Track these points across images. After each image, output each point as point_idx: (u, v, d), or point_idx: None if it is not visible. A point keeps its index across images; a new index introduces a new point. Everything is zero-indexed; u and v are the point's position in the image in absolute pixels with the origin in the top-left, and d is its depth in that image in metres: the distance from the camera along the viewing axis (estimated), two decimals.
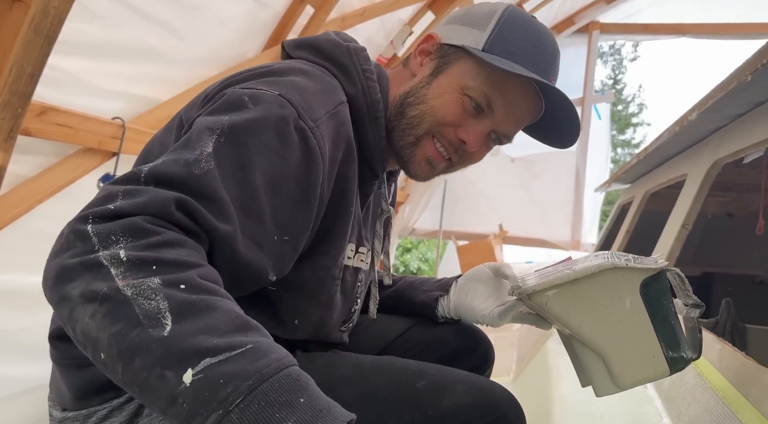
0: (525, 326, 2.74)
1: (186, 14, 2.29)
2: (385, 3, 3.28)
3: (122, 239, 0.61)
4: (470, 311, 1.04)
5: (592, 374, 0.86)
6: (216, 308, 0.59)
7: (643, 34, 5.98)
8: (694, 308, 0.88)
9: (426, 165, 0.93)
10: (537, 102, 0.91)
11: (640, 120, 20.61)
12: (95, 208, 0.63)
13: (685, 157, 2.08)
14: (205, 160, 0.68)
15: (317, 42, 0.92)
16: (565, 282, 0.81)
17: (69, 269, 0.60)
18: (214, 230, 0.66)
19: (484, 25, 0.90)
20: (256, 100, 0.74)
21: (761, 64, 1.00)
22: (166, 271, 0.60)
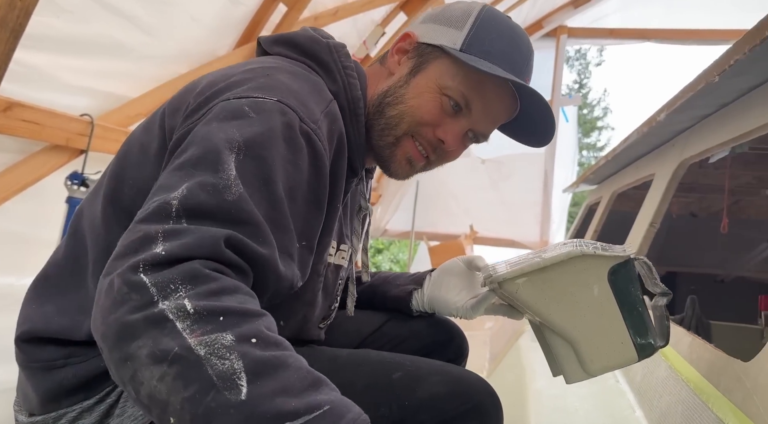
0: (497, 325, 2.76)
1: (156, 10, 2.26)
2: (358, 3, 3.28)
3: (182, 288, 0.58)
4: (444, 303, 1.05)
5: (562, 362, 0.87)
6: (288, 365, 0.58)
7: (610, 38, 6.10)
8: (661, 297, 0.90)
9: (406, 165, 0.94)
10: (513, 102, 0.92)
11: (604, 124, 21.05)
12: (142, 255, 0.59)
13: (652, 157, 2.13)
14: (234, 184, 0.66)
15: (296, 39, 0.91)
16: (534, 270, 0.82)
17: (132, 326, 0.57)
18: (259, 258, 0.66)
19: (461, 25, 0.90)
20: (257, 110, 0.72)
21: (728, 65, 1.03)
22: (234, 323, 0.57)
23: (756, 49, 0.93)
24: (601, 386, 1.36)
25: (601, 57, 20.74)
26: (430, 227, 5.66)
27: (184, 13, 2.40)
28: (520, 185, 5.61)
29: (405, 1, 3.69)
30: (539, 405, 1.34)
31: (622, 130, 19.51)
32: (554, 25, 5.81)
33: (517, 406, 1.41)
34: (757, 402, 0.76)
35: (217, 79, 0.80)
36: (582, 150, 20.02)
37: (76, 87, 2.09)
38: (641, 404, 1.21)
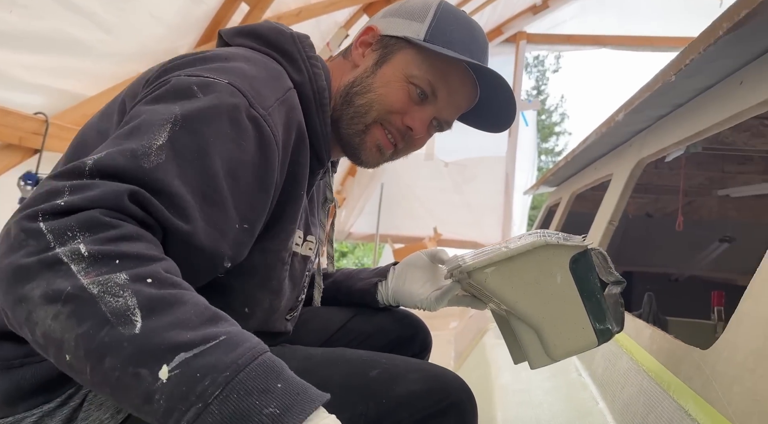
0: (461, 324, 2.79)
1: (115, 7, 2.21)
2: (321, 4, 3.27)
3: (79, 234, 0.58)
4: (408, 296, 1.06)
5: (527, 348, 0.89)
6: (185, 302, 0.58)
7: (567, 44, 6.26)
8: (615, 285, 0.94)
9: (376, 152, 0.95)
10: (474, 89, 0.96)
11: (562, 129, 21.54)
12: (42, 205, 0.59)
13: (610, 158, 2.19)
14: (155, 154, 0.65)
15: (259, 29, 0.91)
16: (502, 259, 0.85)
17: (26, 268, 0.56)
18: (170, 225, 0.65)
19: (422, 17, 0.94)
20: (205, 89, 0.72)
21: (684, 65, 1.07)
22: (130, 265, 0.58)
23: (710, 48, 0.97)
24: (565, 380, 1.39)
25: (558, 64, 21.22)
26: (394, 230, 5.68)
27: (144, 10, 2.36)
28: (483, 188, 5.70)
29: (368, 4, 3.70)
30: (505, 400, 1.35)
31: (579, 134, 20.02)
32: (514, 30, 5.93)
33: (484, 401, 1.42)
34: (717, 388, 0.79)
35: (172, 64, 0.80)
36: (540, 155, 20.44)
37: (30, 84, 2.02)
38: (604, 396, 1.23)
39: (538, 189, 4.03)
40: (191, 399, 0.53)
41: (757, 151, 2.05)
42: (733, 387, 0.74)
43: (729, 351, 0.79)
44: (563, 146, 20.81)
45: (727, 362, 0.79)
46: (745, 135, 1.92)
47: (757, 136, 1.91)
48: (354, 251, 11.66)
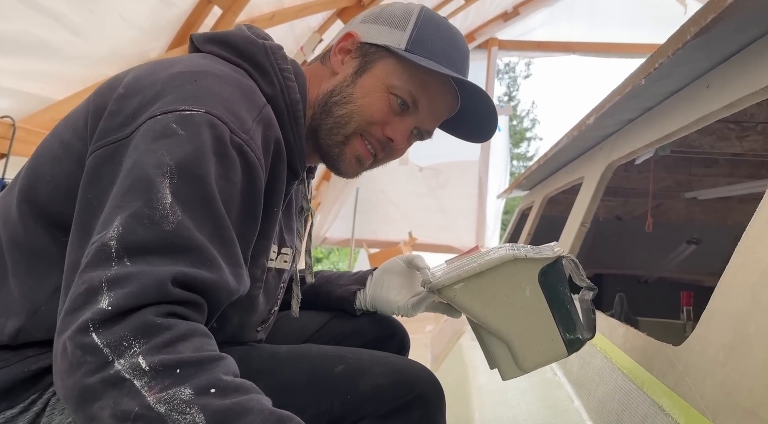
0: (437, 327, 2.80)
1: (84, 9, 2.17)
2: (295, 9, 3.27)
3: (135, 343, 0.58)
4: (386, 302, 1.07)
5: (498, 360, 0.90)
6: (250, 410, 0.59)
7: (537, 50, 6.37)
8: (587, 291, 0.94)
9: (356, 163, 0.94)
10: (454, 99, 0.95)
11: (533, 134, 21.83)
12: (89, 314, 0.59)
13: (581, 161, 2.23)
14: (171, 212, 0.65)
15: (232, 38, 0.88)
16: (470, 275, 0.85)
17: (90, 388, 0.57)
18: (209, 285, 0.66)
19: (403, 25, 0.92)
20: (185, 125, 0.69)
21: (653, 69, 1.10)
22: (191, 374, 0.58)
23: (678, 52, 0.99)
24: (540, 379, 1.40)
25: (528, 70, 21.52)
26: (369, 235, 5.69)
27: (114, 12, 2.32)
28: (457, 192, 5.75)
29: (342, 9, 3.71)
30: (482, 400, 1.36)
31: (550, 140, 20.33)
32: (486, 37, 6.00)
33: (462, 402, 1.43)
34: (689, 383, 0.81)
35: (140, 82, 0.76)
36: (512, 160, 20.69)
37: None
38: (579, 395, 1.25)
39: (511, 193, 4.07)
40: None
41: (722, 153, 2.11)
42: (706, 381, 0.76)
43: (701, 346, 0.81)
44: (534, 151, 21.09)
45: (699, 357, 0.81)
46: (710, 138, 1.97)
47: (722, 140, 1.97)
48: (329, 256, 11.61)
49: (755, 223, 0.77)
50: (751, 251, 0.76)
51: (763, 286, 0.70)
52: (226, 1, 2.75)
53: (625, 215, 3.61)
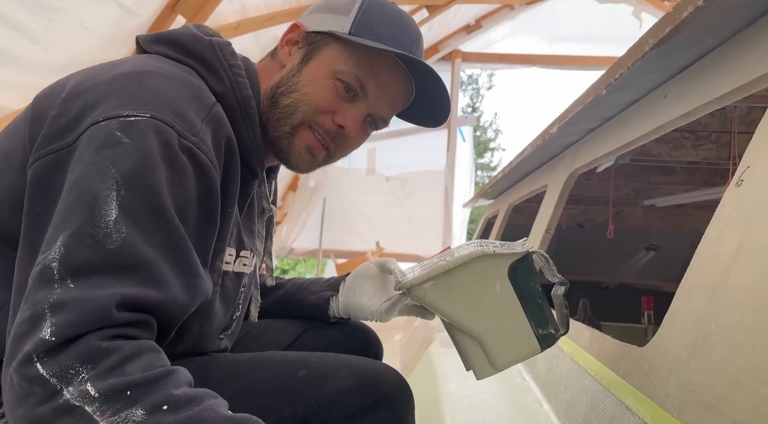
0: (406, 336, 2.81)
1: (44, 16, 2.13)
2: (260, 18, 3.26)
3: (82, 369, 0.57)
4: (359, 308, 1.05)
5: (471, 359, 0.88)
6: (204, 421, 0.59)
7: (500, 62, 6.49)
8: (560, 286, 0.94)
9: (307, 155, 0.91)
10: (408, 84, 0.93)
11: (496, 145, 22.23)
12: (32, 345, 0.58)
13: (545, 170, 2.28)
14: (115, 230, 0.63)
15: (178, 37, 0.86)
16: (440, 273, 0.84)
17: (41, 418, 0.56)
18: (158, 304, 0.65)
19: (348, 11, 0.90)
20: (129, 131, 0.67)
21: (614, 79, 1.14)
22: (142, 394, 0.58)
23: (637, 63, 1.03)
24: (509, 384, 1.42)
25: (491, 82, 21.93)
26: (337, 245, 5.68)
27: (75, 21, 2.28)
28: (423, 202, 5.79)
29: None
30: (453, 406, 1.37)
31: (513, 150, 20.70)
32: (449, 49, 6.09)
33: (433, 408, 1.44)
34: (654, 382, 0.83)
35: (82, 85, 0.73)
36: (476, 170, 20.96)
37: None
38: (548, 398, 1.27)
39: (476, 202, 4.12)
40: None
41: (678, 162, 2.18)
42: (670, 379, 0.79)
43: (665, 346, 0.84)
44: (498, 161, 21.46)
45: (663, 356, 0.83)
46: (668, 147, 2.04)
47: (678, 148, 2.04)
48: (296, 268, 11.50)
49: (713, 226, 0.80)
50: (710, 253, 0.79)
51: (722, 286, 0.73)
52: (190, 10, 2.73)
53: (586, 223, 3.69)
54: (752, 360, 0.62)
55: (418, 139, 5.92)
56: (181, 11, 2.70)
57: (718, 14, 0.83)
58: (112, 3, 2.37)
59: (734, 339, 0.67)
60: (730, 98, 0.92)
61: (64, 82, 0.78)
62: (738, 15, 0.84)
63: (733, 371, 0.65)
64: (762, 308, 0.63)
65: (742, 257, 0.70)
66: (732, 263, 0.72)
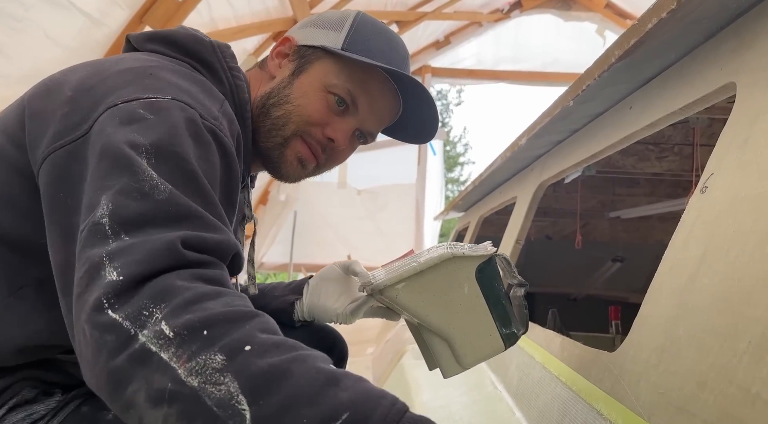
0: (378, 349, 2.79)
1: (6, 26, 2.08)
2: (230, 31, 3.25)
3: (155, 310, 0.53)
4: (323, 311, 1.05)
5: (439, 358, 0.90)
6: (291, 373, 0.52)
7: (468, 78, 6.59)
8: (519, 287, 0.97)
9: (297, 165, 0.93)
10: (396, 100, 0.95)
11: (466, 159, 22.48)
12: (99, 289, 0.53)
13: (514, 182, 2.31)
14: (161, 182, 0.61)
15: (176, 36, 0.85)
16: (412, 274, 0.85)
17: (118, 371, 0.51)
18: (220, 245, 0.62)
19: (340, 27, 0.92)
20: (153, 110, 0.66)
21: (581, 91, 1.16)
22: (221, 334, 0.52)
23: (604, 75, 1.06)
24: (481, 394, 1.42)
25: (460, 98, 22.24)
26: (308, 258, 5.64)
27: (38, 30, 2.24)
28: (394, 215, 5.81)
29: (277, 32, 3.71)
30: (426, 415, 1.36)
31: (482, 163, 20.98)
32: (420, 64, 6.15)
33: None
34: (625, 386, 0.84)
35: (90, 82, 0.72)
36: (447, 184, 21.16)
37: None
38: (520, 406, 1.28)
39: (447, 215, 4.15)
40: None
41: (643, 173, 2.24)
42: (640, 383, 0.80)
43: (634, 351, 0.85)
44: (468, 175, 21.71)
45: (633, 361, 0.84)
46: (633, 159, 2.09)
47: (643, 160, 2.09)
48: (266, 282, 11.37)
49: (679, 232, 0.82)
50: (677, 258, 0.81)
51: (689, 290, 0.75)
52: (158, 21, 2.71)
53: (554, 235, 3.75)
54: (719, 361, 0.63)
55: (389, 152, 5.95)
56: (149, 22, 2.67)
57: (681, 27, 0.86)
58: (77, 13, 2.33)
59: (702, 342, 0.68)
60: (693, 109, 0.95)
61: (59, 79, 0.76)
62: (700, 28, 0.87)
63: (701, 372, 0.66)
64: (728, 311, 0.65)
65: (708, 261, 0.72)
66: (698, 268, 0.74)
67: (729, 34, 0.85)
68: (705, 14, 0.82)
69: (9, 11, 2.05)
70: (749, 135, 0.71)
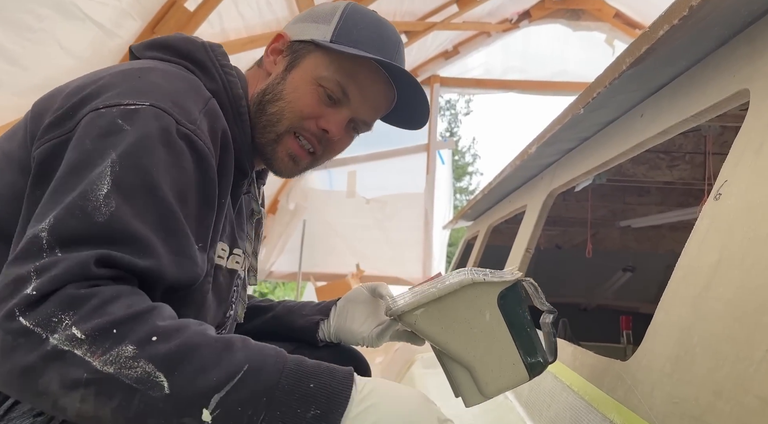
0: (387, 359, 2.78)
1: (21, 37, 2.12)
2: (240, 42, 3.28)
3: (64, 316, 0.59)
4: (350, 334, 1.06)
5: (460, 386, 0.89)
6: (196, 345, 0.61)
7: (477, 88, 6.60)
8: (548, 314, 0.95)
9: (289, 161, 0.96)
10: (389, 88, 0.97)
11: (474, 169, 22.45)
12: (14, 300, 0.59)
13: (523, 190, 2.30)
14: (105, 203, 0.65)
15: (170, 41, 0.91)
16: (430, 300, 0.85)
17: (31, 367, 0.58)
18: (139, 269, 0.66)
19: (329, 19, 0.95)
20: (129, 119, 0.71)
21: (592, 98, 1.16)
22: (127, 330, 0.59)
23: (615, 82, 1.06)
24: (492, 403, 1.41)
25: (468, 108, 22.23)
26: (316, 268, 5.64)
27: (53, 41, 2.27)
28: (403, 224, 5.80)
29: None
30: None
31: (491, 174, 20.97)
32: (428, 74, 6.17)
33: None
34: (638, 395, 0.83)
35: (85, 83, 0.78)
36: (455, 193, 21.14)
37: None
38: (531, 416, 1.27)
39: (456, 223, 4.14)
40: None
41: (654, 182, 2.22)
42: (654, 393, 0.79)
43: (648, 359, 0.84)
44: (476, 185, 21.67)
45: (647, 370, 0.84)
46: (644, 167, 2.08)
47: (654, 169, 2.08)
48: (274, 291, 11.36)
49: (693, 239, 0.82)
50: (691, 266, 0.80)
51: (704, 298, 0.74)
52: (170, 32, 2.73)
53: (564, 244, 3.73)
54: (736, 370, 0.63)
55: (398, 161, 5.96)
56: (161, 33, 2.70)
57: (693, 33, 0.86)
58: (91, 24, 2.36)
59: (717, 350, 0.67)
60: (705, 116, 0.95)
61: (63, 86, 0.82)
62: (712, 34, 0.86)
63: (717, 381, 0.65)
64: (744, 318, 0.64)
65: (723, 268, 0.71)
66: (713, 275, 0.73)
67: (741, 41, 0.84)
68: (717, 21, 0.82)
69: (24, 22, 2.08)
70: (763, 141, 0.71)
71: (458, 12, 5.10)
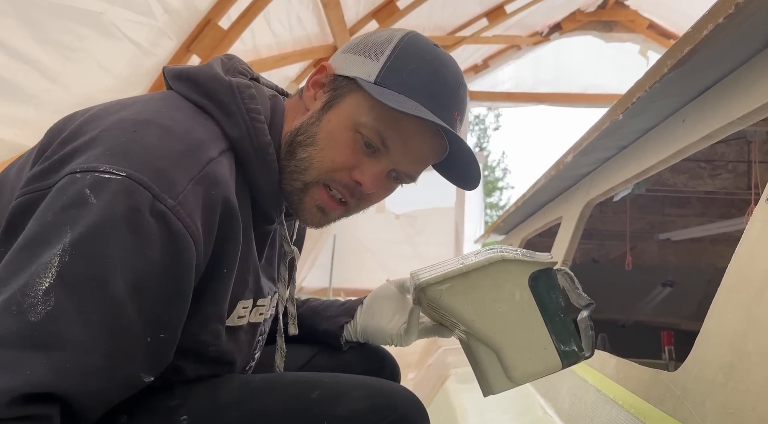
0: (420, 374, 2.74)
1: (61, 56, 2.18)
2: (272, 59, 3.33)
3: None
4: (378, 332, 1.01)
5: (486, 371, 0.85)
6: None
7: (507, 101, 6.56)
8: (586, 308, 0.90)
9: (317, 213, 0.86)
10: (439, 139, 0.85)
11: (505, 184, 22.28)
12: None
13: (559, 202, 2.26)
14: (43, 300, 0.60)
15: (199, 77, 0.82)
16: (457, 275, 0.81)
17: None
18: (66, 395, 0.61)
19: (379, 54, 0.83)
20: (99, 192, 0.64)
21: (631, 103, 1.13)
22: None
23: (655, 86, 1.03)
24: (531, 418, 1.37)
25: (498, 122, 22.15)
26: (347, 283, 5.64)
27: (92, 60, 2.33)
28: (433, 239, 5.78)
29: (318, 59, 3.78)
30: None
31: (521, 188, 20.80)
32: None
33: None
34: (689, 406, 0.80)
35: (86, 125, 0.73)
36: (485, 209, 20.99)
37: None
38: None
39: (488, 237, 4.10)
40: None
41: (695, 192, 2.16)
42: (706, 403, 0.75)
43: (698, 369, 0.81)
44: (507, 200, 21.48)
45: (697, 380, 0.80)
46: (683, 177, 2.03)
47: (694, 178, 2.03)
48: None
49: (743, 244, 0.78)
50: (742, 271, 0.77)
51: (757, 305, 0.71)
52: (205, 50, 2.79)
53: (600, 258, 3.65)
54: None
55: (427, 176, 5.88)
56: (196, 51, 2.76)
57: (739, 33, 0.83)
58: (128, 43, 2.42)
59: None
60: (751, 119, 0.91)
61: (78, 115, 0.77)
62: (759, 33, 0.84)
63: None
64: None
65: None
66: (766, 280, 0.70)
67: None
68: (764, 19, 0.80)
69: (65, 42, 2.14)
70: None
71: (488, 26, 5.09)
